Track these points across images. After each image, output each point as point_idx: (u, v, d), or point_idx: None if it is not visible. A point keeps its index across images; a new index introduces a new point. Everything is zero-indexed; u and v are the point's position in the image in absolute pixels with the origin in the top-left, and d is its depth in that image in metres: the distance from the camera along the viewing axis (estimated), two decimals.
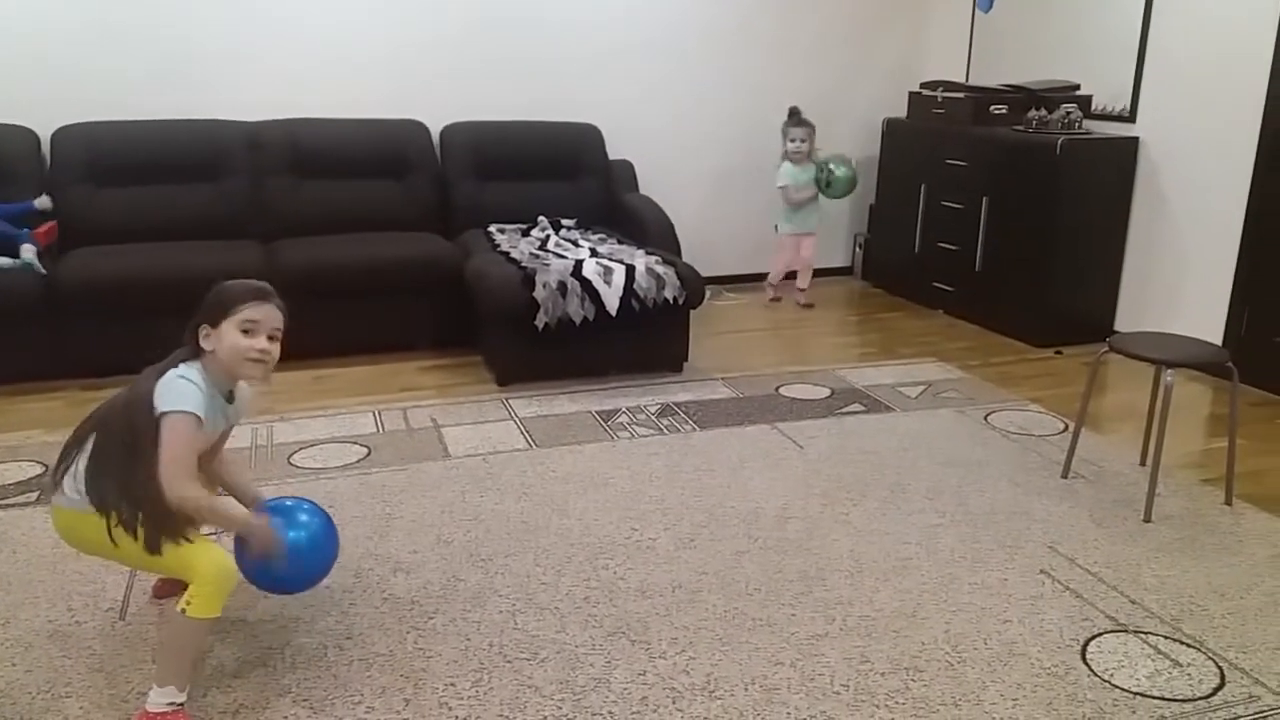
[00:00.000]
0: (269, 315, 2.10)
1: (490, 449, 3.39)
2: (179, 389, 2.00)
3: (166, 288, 3.81)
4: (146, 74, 4.54)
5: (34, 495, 2.99)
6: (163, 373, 2.03)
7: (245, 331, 2.07)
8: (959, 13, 5.67)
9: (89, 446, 2.02)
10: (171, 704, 1.95)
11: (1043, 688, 2.16)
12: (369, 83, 4.88)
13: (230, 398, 2.17)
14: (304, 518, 2.20)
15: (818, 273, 5.66)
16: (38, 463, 3.20)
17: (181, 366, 2.05)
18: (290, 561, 2.13)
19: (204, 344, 2.07)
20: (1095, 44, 4.83)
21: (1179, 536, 2.86)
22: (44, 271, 3.85)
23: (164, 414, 1.97)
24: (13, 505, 2.94)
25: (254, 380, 2.15)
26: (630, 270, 3.99)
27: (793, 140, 5.32)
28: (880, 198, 5.86)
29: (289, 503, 2.25)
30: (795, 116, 5.37)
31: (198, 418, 1.99)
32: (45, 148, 4.35)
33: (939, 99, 5.31)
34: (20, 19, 4.34)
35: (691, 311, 4.18)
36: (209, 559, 1.96)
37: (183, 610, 1.93)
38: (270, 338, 2.10)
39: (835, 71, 5.81)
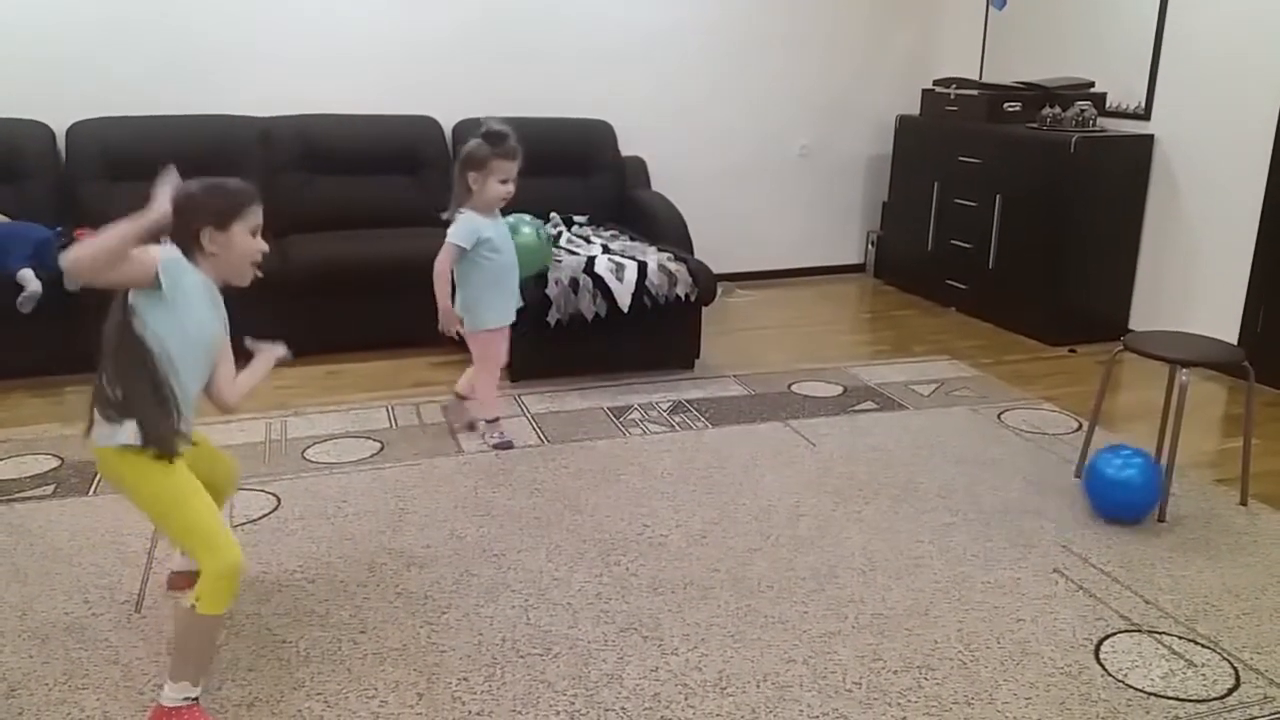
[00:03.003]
0: (260, 214, 2.05)
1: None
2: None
3: None
4: (160, 69, 4.56)
5: (50, 488, 3.01)
6: None
7: (252, 233, 2.02)
8: (972, 9, 5.64)
9: (106, 376, 1.96)
10: (186, 698, 1.95)
11: (1056, 687, 2.16)
12: (381, 78, 4.89)
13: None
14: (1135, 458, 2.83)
15: (828, 270, 5.54)
16: (54, 455, 3.22)
17: None
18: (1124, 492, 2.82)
19: (208, 247, 1.98)
20: (1110, 41, 4.81)
21: (1193, 536, 2.84)
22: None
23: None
24: (30, 498, 2.96)
25: (243, 284, 2.07)
26: (642, 267, 3.99)
27: (504, 180, 3.18)
28: (893, 195, 5.84)
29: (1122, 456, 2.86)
30: (500, 141, 3.15)
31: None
32: (60, 143, 4.37)
33: (952, 96, 5.29)
34: (35, 16, 4.35)
35: (704, 308, 4.19)
36: (219, 555, 1.91)
37: (192, 606, 1.91)
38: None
39: (848, 67, 5.79)
